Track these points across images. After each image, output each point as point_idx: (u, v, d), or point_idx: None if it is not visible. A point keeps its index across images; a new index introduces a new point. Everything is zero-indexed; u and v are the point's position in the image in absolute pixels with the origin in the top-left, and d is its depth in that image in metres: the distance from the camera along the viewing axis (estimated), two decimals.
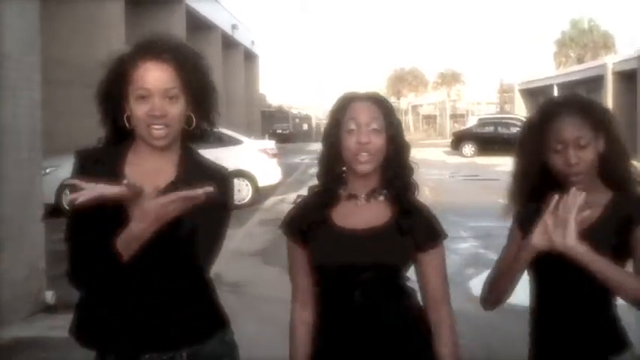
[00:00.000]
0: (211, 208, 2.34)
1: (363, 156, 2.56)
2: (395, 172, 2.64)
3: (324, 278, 2.65)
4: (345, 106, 2.65)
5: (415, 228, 2.60)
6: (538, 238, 2.44)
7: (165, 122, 2.40)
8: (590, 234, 2.48)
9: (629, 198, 2.61)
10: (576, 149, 2.55)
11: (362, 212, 2.64)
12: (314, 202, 2.70)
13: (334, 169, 2.68)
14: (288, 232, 2.73)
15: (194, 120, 2.51)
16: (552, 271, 2.57)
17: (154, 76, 2.40)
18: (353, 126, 2.58)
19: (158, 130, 2.41)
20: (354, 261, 2.56)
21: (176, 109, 2.42)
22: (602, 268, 2.38)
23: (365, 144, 2.55)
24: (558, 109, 2.65)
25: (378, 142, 2.58)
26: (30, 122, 7.38)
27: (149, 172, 2.47)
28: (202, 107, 2.54)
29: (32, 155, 7.43)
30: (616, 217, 2.56)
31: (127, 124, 2.46)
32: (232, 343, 2.65)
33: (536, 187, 2.71)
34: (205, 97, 2.55)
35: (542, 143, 2.63)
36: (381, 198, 2.66)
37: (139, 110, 2.40)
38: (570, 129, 2.56)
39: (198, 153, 2.63)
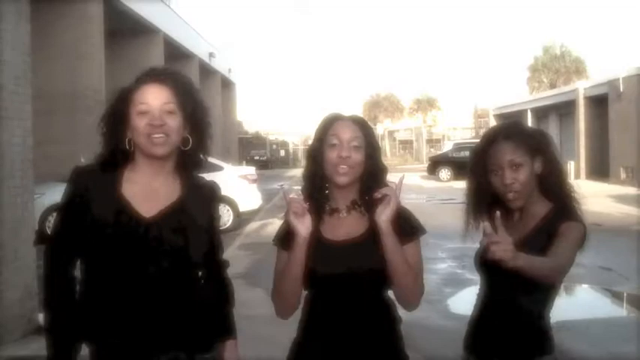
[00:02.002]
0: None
1: (342, 168, 2.74)
2: (370, 186, 2.79)
3: (315, 283, 2.80)
4: (329, 125, 2.83)
5: None
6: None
7: (164, 131, 2.62)
8: (524, 241, 2.83)
9: (564, 210, 2.90)
10: (510, 171, 2.86)
11: (344, 224, 2.83)
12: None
13: (317, 183, 2.84)
14: (279, 245, 2.88)
15: (190, 141, 2.73)
16: (498, 282, 2.91)
17: (153, 92, 2.65)
18: (335, 141, 2.77)
19: (157, 137, 2.62)
20: (335, 270, 2.74)
21: (173, 121, 2.65)
22: (529, 267, 2.59)
23: (345, 158, 2.73)
24: (495, 136, 2.97)
25: (357, 157, 2.76)
26: (22, 150, 7.52)
27: (151, 191, 2.69)
28: (198, 129, 2.76)
29: (25, 182, 7.56)
30: (549, 226, 2.85)
31: (127, 147, 2.67)
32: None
33: (490, 205, 3.00)
34: (200, 118, 2.77)
35: (485, 166, 2.96)
36: (361, 209, 2.84)
37: (139, 123, 2.62)
38: (504, 153, 2.88)
39: (192, 174, 2.85)
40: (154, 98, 2.64)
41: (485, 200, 3.03)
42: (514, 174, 2.86)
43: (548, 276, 2.72)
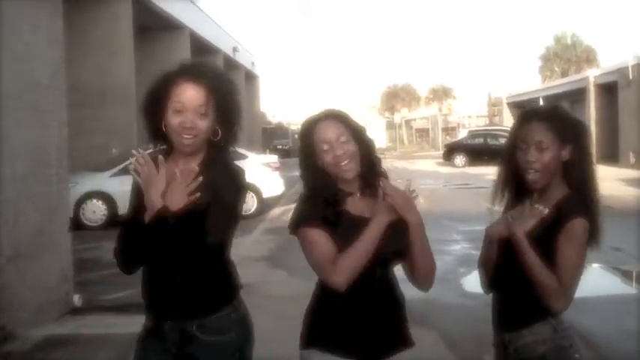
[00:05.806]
0: (223, 193, 2.79)
1: (344, 164, 2.86)
2: (367, 167, 2.94)
3: None
4: (311, 130, 2.94)
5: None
6: (492, 228, 3.01)
7: (194, 133, 2.83)
8: (531, 231, 2.93)
9: (577, 199, 2.92)
10: (536, 150, 2.91)
11: (364, 204, 2.94)
12: (325, 200, 2.89)
13: (324, 181, 2.91)
14: (312, 224, 2.83)
15: (220, 133, 2.91)
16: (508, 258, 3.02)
17: (189, 94, 2.82)
18: (326, 146, 2.87)
19: (188, 139, 2.83)
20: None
21: (204, 124, 2.85)
22: (529, 260, 2.83)
23: (341, 155, 2.85)
24: (532, 115, 3.03)
25: (351, 148, 2.87)
26: (58, 141, 7.79)
27: (184, 172, 2.81)
28: (228, 123, 2.95)
29: (60, 172, 7.84)
30: (555, 217, 2.89)
31: (163, 130, 2.86)
32: (241, 321, 3.01)
33: (515, 193, 3.11)
34: (231, 116, 2.96)
35: (514, 143, 3.02)
36: (368, 191, 2.95)
37: (173, 121, 2.82)
38: (534, 132, 2.93)
39: (223, 158, 3.00)
40: (189, 100, 2.82)
41: (508, 176, 3.11)
42: (538, 154, 2.91)
43: (547, 289, 2.84)
